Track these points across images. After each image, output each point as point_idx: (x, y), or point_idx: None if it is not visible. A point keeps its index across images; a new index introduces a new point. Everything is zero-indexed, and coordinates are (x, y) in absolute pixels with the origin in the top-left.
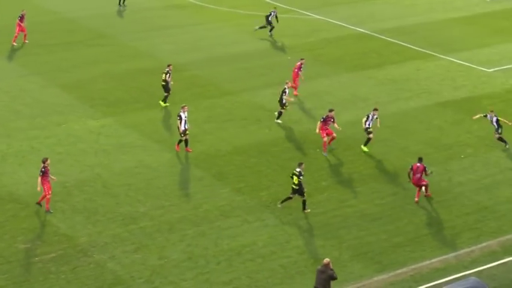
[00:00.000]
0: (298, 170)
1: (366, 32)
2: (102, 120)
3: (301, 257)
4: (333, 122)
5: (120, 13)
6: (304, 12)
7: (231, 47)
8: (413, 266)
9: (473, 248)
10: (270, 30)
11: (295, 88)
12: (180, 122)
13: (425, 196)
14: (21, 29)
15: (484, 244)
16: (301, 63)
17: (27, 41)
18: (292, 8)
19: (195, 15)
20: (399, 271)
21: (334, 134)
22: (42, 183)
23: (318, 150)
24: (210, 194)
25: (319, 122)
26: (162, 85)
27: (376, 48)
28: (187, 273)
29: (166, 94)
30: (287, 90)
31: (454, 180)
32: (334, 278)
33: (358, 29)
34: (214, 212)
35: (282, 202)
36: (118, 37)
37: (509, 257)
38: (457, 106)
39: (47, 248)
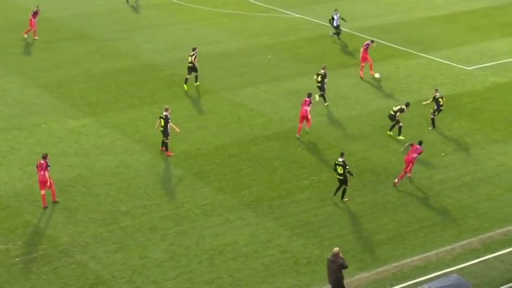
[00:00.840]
0: (341, 160)
1: (347, 30)
2: (82, 120)
3: (283, 256)
4: (309, 105)
5: (100, 13)
6: (284, 11)
7: (211, 46)
8: (394, 264)
9: (454, 245)
10: (338, 35)
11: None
12: (166, 123)
13: (407, 175)
14: (31, 25)
15: (465, 241)
16: (368, 44)
17: (37, 37)
18: (272, 7)
19: (175, 14)
20: (381, 269)
21: (309, 116)
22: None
23: (299, 149)
24: (191, 193)
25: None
26: (189, 67)
27: (356, 47)
28: (169, 273)
29: (196, 74)
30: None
31: (434, 178)
32: (345, 267)
33: None
34: (196, 211)
35: (335, 194)
36: (98, 37)
37: (490, 254)
38: None
39: (28, 248)
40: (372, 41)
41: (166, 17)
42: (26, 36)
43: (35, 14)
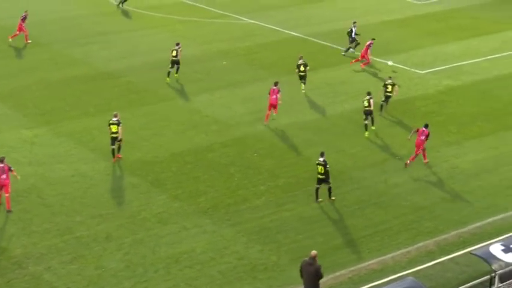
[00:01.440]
0: (322, 159)
1: (301, 36)
2: (36, 129)
3: (240, 263)
4: (278, 93)
5: (55, 20)
6: (238, 17)
7: (166, 53)
8: (351, 268)
9: (410, 248)
10: (355, 47)
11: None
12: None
13: (424, 162)
14: (21, 29)
15: (420, 244)
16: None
17: (29, 41)
18: (227, 13)
19: (130, 21)
20: (338, 273)
21: (279, 101)
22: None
23: (255, 154)
24: (147, 201)
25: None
26: (173, 60)
27: (311, 52)
28: (125, 283)
29: (177, 66)
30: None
31: (390, 182)
32: (320, 275)
33: (293, 33)
34: (152, 219)
35: (317, 197)
36: (53, 45)
37: (445, 256)
38: (391, 108)
39: None
40: (373, 39)
41: (121, 24)
42: (11, 40)
43: (24, 18)
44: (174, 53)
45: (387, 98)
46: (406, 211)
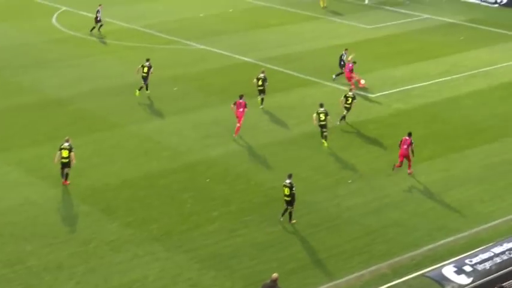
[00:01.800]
0: (288, 181)
1: (251, 61)
2: None
3: None
4: (244, 108)
5: (2, 47)
6: (188, 42)
7: (116, 79)
8: None
9: (364, 271)
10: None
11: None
12: (70, 153)
13: (408, 172)
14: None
15: (373, 267)
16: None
17: None
18: (177, 39)
19: (79, 48)
20: None
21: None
22: None
23: (207, 180)
24: (99, 229)
25: (233, 105)
26: (143, 76)
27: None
28: None
29: (147, 83)
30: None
31: (342, 205)
32: None
33: (243, 58)
34: (104, 247)
35: (282, 215)
36: (1, 72)
37: (398, 279)
38: (343, 131)
39: None
40: (354, 62)
41: (70, 51)
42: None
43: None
44: (146, 70)
45: (347, 110)
46: (359, 234)
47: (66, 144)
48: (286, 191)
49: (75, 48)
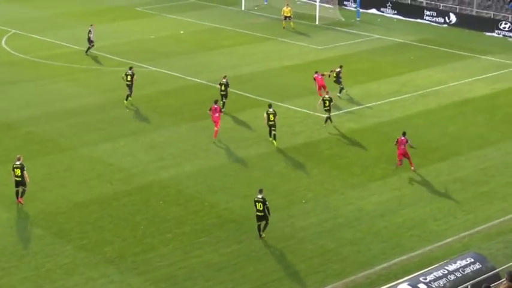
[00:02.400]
0: (260, 196)
1: (204, 82)
2: None
3: None
4: (220, 112)
5: None
6: (140, 64)
7: (67, 102)
8: None
9: None
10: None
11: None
12: (22, 172)
13: (411, 169)
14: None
15: (328, 287)
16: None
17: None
18: (129, 61)
19: (30, 71)
20: None
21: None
22: None
23: (161, 202)
24: (52, 253)
25: (208, 111)
26: (127, 85)
27: (214, 98)
28: None
29: (131, 91)
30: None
31: (296, 225)
32: None
33: (196, 79)
34: (57, 271)
35: (262, 230)
36: None
37: None
38: (296, 152)
39: None
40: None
41: (19, 74)
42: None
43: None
44: (129, 78)
45: (328, 111)
46: (314, 254)
47: (17, 163)
48: (259, 206)
49: (25, 71)
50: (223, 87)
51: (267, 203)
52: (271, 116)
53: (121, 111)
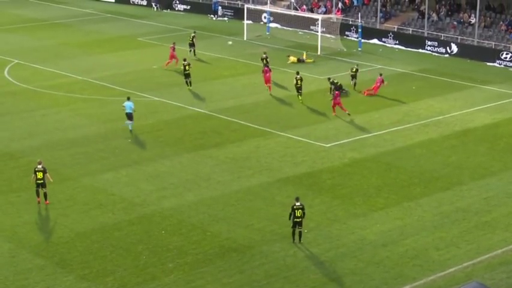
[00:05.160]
0: (299, 203)
1: (205, 112)
2: None
3: None
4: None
5: None
6: (142, 94)
7: (68, 132)
8: None
9: None
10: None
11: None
12: (44, 174)
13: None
14: (173, 57)
15: None
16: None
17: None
18: (131, 91)
19: (31, 101)
20: None
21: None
22: None
23: (163, 232)
24: (53, 283)
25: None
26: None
27: (215, 128)
28: None
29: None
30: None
31: (299, 255)
32: None
33: (197, 109)
34: None
35: (300, 238)
36: None
37: None
38: (298, 182)
39: None
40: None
41: (21, 103)
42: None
43: (174, 47)
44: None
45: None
46: (316, 284)
47: (39, 167)
48: (299, 212)
49: (27, 101)
50: (187, 67)
51: (305, 209)
52: (298, 81)
53: (123, 141)
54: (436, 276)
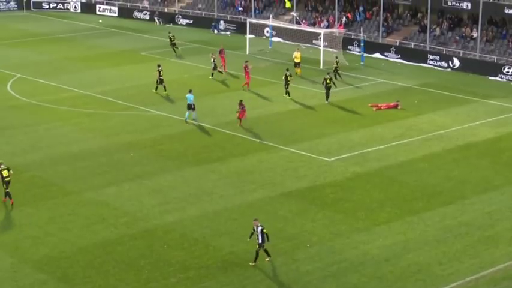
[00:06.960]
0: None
1: (208, 126)
2: None
3: None
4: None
5: None
6: (145, 108)
7: (71, 146)
8: None
9: None
10: None
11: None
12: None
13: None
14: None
15: None
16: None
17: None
18: (133, 105)
19: (34, 115)
20: None
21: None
22: None
23: (165, 246)
24: None
25: None
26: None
27: (218, 142)
28: None
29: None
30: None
31: (301, 270)
32: None
33: (200, 123)
34: None
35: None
36: None
37: None
38: (300, 196)
39: None
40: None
41: (24, 118)
42: (224, 72)
43: (222, 51)
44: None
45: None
46: None
47: (3, 166)
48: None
49: (30, 115)
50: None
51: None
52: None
53: (125, 155)
54: None
